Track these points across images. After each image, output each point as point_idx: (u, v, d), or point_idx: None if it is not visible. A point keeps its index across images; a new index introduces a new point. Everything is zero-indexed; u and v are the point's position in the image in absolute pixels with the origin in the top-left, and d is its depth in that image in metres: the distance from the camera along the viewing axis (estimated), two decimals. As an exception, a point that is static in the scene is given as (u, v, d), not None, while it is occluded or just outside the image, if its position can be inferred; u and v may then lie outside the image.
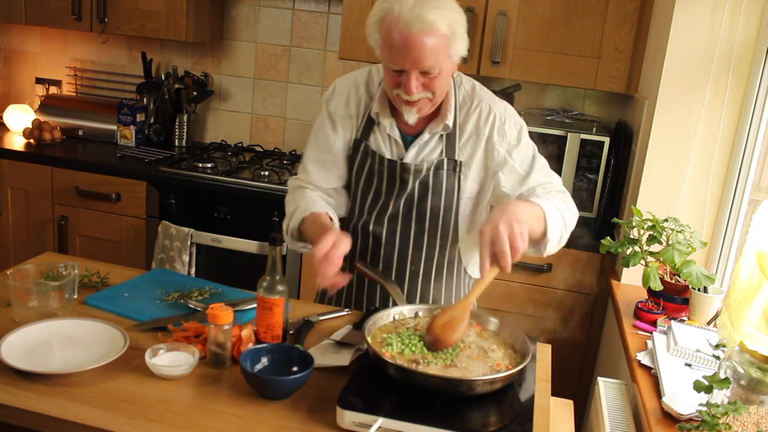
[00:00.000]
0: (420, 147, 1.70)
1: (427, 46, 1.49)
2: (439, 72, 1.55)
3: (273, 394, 1.35)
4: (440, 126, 1.68)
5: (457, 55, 1.57)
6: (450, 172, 1.70)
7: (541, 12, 2.68)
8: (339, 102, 1.77)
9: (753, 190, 2.17)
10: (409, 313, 1.58)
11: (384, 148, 1.73)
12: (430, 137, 1.70)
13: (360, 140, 1.75)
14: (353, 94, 1.76)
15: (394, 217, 1.75)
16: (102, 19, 3.12)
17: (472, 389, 1.30)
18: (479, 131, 1.69)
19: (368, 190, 1.77)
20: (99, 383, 1.35)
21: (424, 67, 1.52)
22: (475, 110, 1.70)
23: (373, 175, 1.75)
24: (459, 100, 1.71)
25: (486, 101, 1.71)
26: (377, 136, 1.73)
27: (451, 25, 1.52)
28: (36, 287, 1.58)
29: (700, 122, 2.23)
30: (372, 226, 1.77)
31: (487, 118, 1.69)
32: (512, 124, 1.71)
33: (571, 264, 2.62)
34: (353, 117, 1.76)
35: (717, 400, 1.37)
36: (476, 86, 1.75)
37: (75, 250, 3.09)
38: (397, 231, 1.76)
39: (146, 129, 3.39)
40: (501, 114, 1.70)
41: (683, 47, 2.21)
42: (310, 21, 3.31)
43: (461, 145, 1.70)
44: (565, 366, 2.68)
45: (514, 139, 1.70)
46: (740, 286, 1.52)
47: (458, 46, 1.55)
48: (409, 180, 1.70)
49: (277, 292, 1.48)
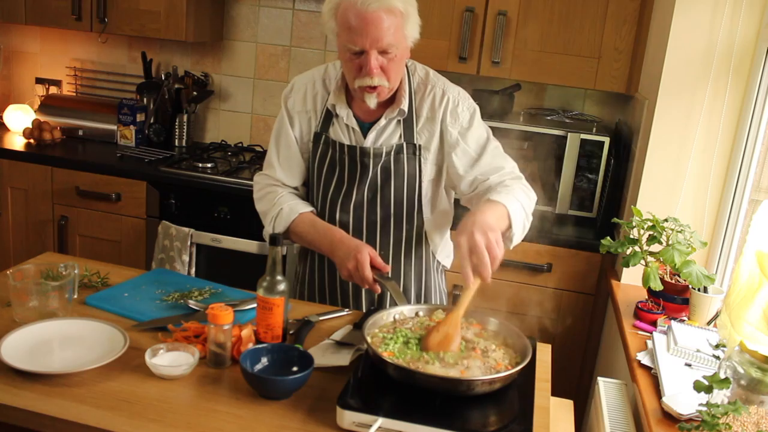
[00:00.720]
0: (378, 132, 1.76)
1: (384, 23, 1.57)
2: (396, 54, 1.62)
3: (273, 394, 1.35)
4: (396, 111, 1.74)
5: (410, 38, 1.65)
6: (410, 155, 1.76)
7: (541, 12, 2.68)
8: (297, 99, 1.84)
9: (753, 190, 2.17)
10: (409, 313, 1.58)
11: (343, 137, 1.78)
12: (387, 123, 1.76)
13: (320, 133, 1.81)
14: (310, 90, 1.82)
15: (359, 204, 1.79)
16: (102, 19, 3.12)
17: (471, 389, 1.30)
18: (434, 115, 1.76)
19: (331, 179, 1.81)
20: (99, 383, 1.35)
21: (383, 45, 1.59)
22: (429, 95, 1.76)
23: (335, 164, 1.80)
24: (414, 86, 1.77)
25: (440, 86, 1.78)
26: (336, 127, 1.79)
27: (405, 4, 1.60)
28: (36, 287, 1.59)
29: (700, 122, 2.23)
30: (338, 215, 1.81)
31: (441, 102, 1.76)
32: (465, 108, 1.77)
33: (571, 264, 2.62)
34: (310, 112, 1.83)
35: (717, 400, 1.37)
36: (430, 72, 1.81)
37: (75, 250, 3.09)
38: (363, 218, 1.80)
39: (146, 129, 3.39)
40: (454, 98, 1.77)
41: (683, 47, 2.21)
42: (310, 21, 3.31)
43: (419, 129, 1.76)
44: (565, 366, 2.68)
45: (467, 122, 1.76)
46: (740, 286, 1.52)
47: (411, 27, 1.64)
48: (369, 164, 1.76)
49: (277, 292, 1.48)
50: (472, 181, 1.77)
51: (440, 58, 2.78)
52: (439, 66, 2.79)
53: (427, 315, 1.57)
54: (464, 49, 2.74)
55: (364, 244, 1.69)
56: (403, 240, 1.82)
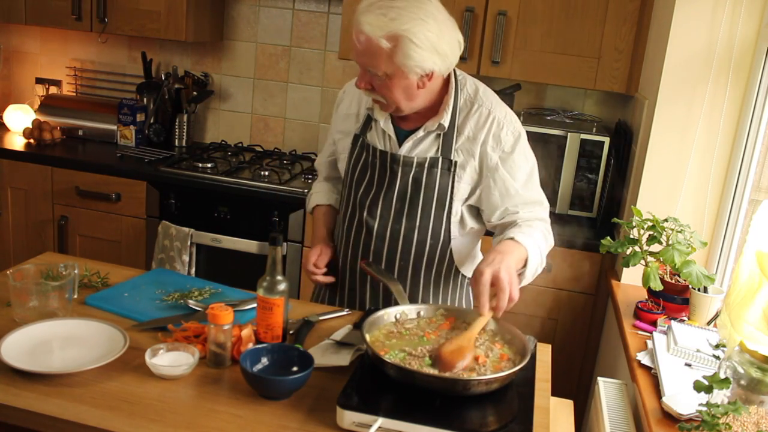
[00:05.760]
0: (414, 143, 1.73)
1: (369, 50, 1.55)
2: (387, 78, 1.58)
3: (273, 394, 1.35)
4: (435, 125, 1.70)
5: (411, 69, 1.56)
6: (444, 171, 1.71)
7: (541, 12, 2.68)
8: (345, 101, 1.87)
9: (753, 190, 2.17)
10: (411, 313, 1.58)
11: (378, 142, 1.77)
12: (425, 135, 1.72)
13: (359, 135, 1.80)
14: (356, 94, 1.81)
15: (386, 210, 1.77)
16: (102, 19, 3.12)
17: (470, 389, 1.30)
18: (476, 135, 1.70)
19: (362, 182, 1.80)
20: (99, 383, 1.35)
21: (364, 65, 1.59)
22: (475, 113, 1.71)
23: (367, 167, 1.79)
24: (460, 102, 1.72)
25: (486, 106, 1.72)
26: (374, 132, 1.78)
27: (398, 36, 1.51)
28: (36, 287, 1.59)
29: (700, 122, 2.23)
30: (364, 218, 1.80)
31: (485, 123, 1.70)
32: (510, 132, 1.70)
33: (571, 264, 2.62)
34: (353, 116, 1.83)
35: (717, 400, 1.37)
36: (480, 90, 1.75)
37: (75, 250, 3.09)
38: (389, 225, 1.77)
39: (146, 129, 3.39)
40: (500, 120, 1.70)
41: (683, 47, 2.21)
42: (310, 21, 3.31)
43: (458, 146, 1.71)
44: (565, 366, 2.68)
45: (509, 147, 1.70)
46: (740, 286, 1.52)
47: (410, 60, 1.54)
48: (398, 171, 1.73)
49: (277, 292, 1.48)
50: (503, 211, 1.72)
51: (440, 58, 2.78)
52: (439, 66, 2.81)
53: (430, 315, 1.57)
54: (464, 49, 2.73)
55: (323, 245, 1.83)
56: (426, 252, 1.77)
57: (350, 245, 1.82)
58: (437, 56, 1.57)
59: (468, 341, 1.42)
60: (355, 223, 1.81)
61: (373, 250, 1.79)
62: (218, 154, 3.28)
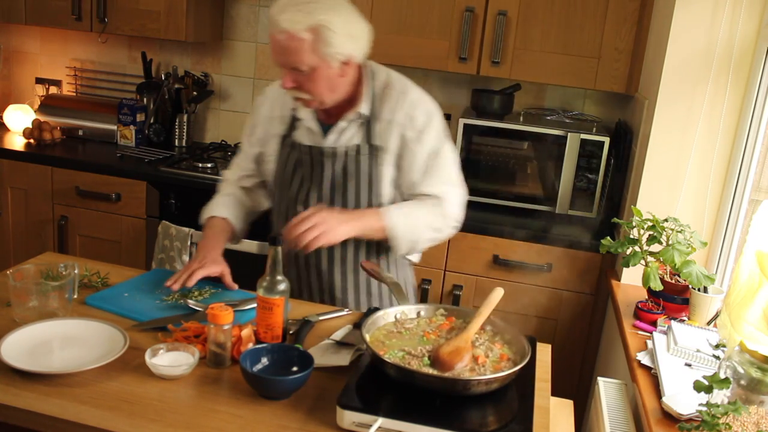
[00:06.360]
0: (337, 134, 1.81)
1: (290, 47, 1.62)
2: (313, 71, 1.65)
3: (273, 394, 1.36)
4: (355, 114, 1.78)
5: (336, 54, 1.65)
6: (370, 156, 1.80)
7: (541, 12, 2.68)
8: (266, 106, 1.93)
9: (753, 190, 2.17)
10: (411, 313, 1.58)
11: (305, 138, 1.85)
12: (347, 125, 1.80)
13: (286, 136, 1.88)
14: (277, 97, 1.89)
15: (319, 201, 1.84)
16: (102, 19, 3.12)
17: (470, 389, 1.30)
18: (393, 117, 1.79)
19: (294, 179, 1.87)
20: (99, 383, 1.35)
21: (291, 66, 1.65)
22: (390, 98, 1.80)
23: (299, 164, 1.86)
24: (376, 89, 1.80)
25: (400, 89, 1.81)
26: (300, 130, 1.86)
27: (316, 27, 1.61)
28: (36, 287, 1.59)
29: (700, 122, 2.23)
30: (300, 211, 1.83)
31: (400, 105, 1.79)
32: (422, 112, 1.79)
33: (571, 264, 2.62)
34: (277, 118, 1.90)
35: (717, 400, 1.37)
36: (392, 75, 1.84)
37: (75, 250, 3.09)
38: None
39: (146, 129, 3.39)
40: (413, 101, 1.80)
41: (683, 47, 2.21)
42: (310, 21, 3.30)
43: (379, 131, 1.79)
44: (565, 366, 2.68)
45: (421, 125, 1.78)
46: (740, 286, 1.51)
47: (334, 44, 1.64)
48: (326, 163, 1.81)
49: (277, 292, 1.48)
50: (411, 185, 1.81)
51: (440, 58, 2.78)
52: (439, 66, 2.81)
53: (429, 315, 1.58)
54: (464, 49, 2.74)
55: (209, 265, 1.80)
56: (364, 239, 1.85)
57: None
58: (353, 41, 1.67)
59: (465, 342, 1.42)
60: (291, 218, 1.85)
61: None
62: (218, 154, 3.27)
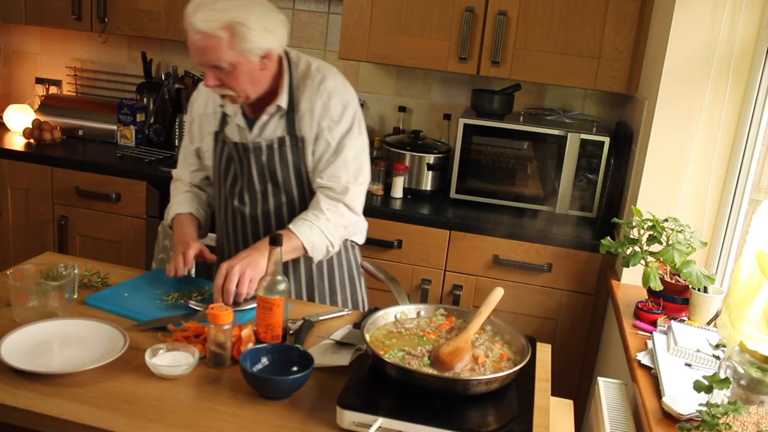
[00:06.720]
0: (260, 128, 1.83)
1: (207, 46, 1.63)
2: (233, 68, 1.67)
3: (273, 394, 1.36)
4: (275, 107, 1.80)
5: (254, 49, 1.67)
6: (293, 147, 1.83)
7: (541, 12, 2.68)
8: (200, 102, 1.95)
9: (753, 190, 2.17)
10: (411, 313, 1.58)
11: (234, 135, 1.88)
12: (268, 118, 1.83)
13: (218, 132, 1.91)
14: (209, 93, 1.90)
15: (253, 195, 1.88)
16: (102, 19, 3.12)
17: (470, 389, 1.30)
18: (312, 107, 1.80)
19: (228, 173, 1.91)
20: (99, 383, 1.35)
21: (209, 63, 1.66)
22: (308, 87, 1.81)
23: (231, 159, 1.89)
24: (296, 80, 1.82)
25: (318, 79, 1.82)
26: (230, 125, 1.88)
27: (231, 24, 1.62)
28: (36, 287, 1.59)
29: (700, 122, 2.23)
30: (236, 206, 1.91)
31: (317, 94, 1.80)
32: (338, 101, 1.81)
33: (571, 264, 2.62)
34: (210, 114, 1.92)
35: (717, 400, 1.37)
36: (313, 65, 1.86)
37: (75, 250, 3.09)
38: (258, 207, 1.88)
39: (146, 129, 3.39)
40: (330, 90, 1.81)
41: (683, 47, 2.21)
42: (310, 21, 3.31)
43: (300, 122, 1.81)
44: (565, 366, 2.68)
45: (337, 116, 1.80)
46: (740, 286, 1.51)
47: (252, 39, 1.65)
48: (252, 158, 1.84)
49: (277, 292, 1.48)
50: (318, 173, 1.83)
51: (440, 58, 2.78)
52: (439, 66, 2.81)
53: (429, 315, 1.58)
54: (464, 49, 2.74)
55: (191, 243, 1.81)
56: None
57: (230, 234, 1.96)
58: (270, 35, 1.69)
59: (465, 342, 1.42)
60: (230, 212, 1.93)
61: (251, 234, 1.91)
62: (218, 154, 3.27)
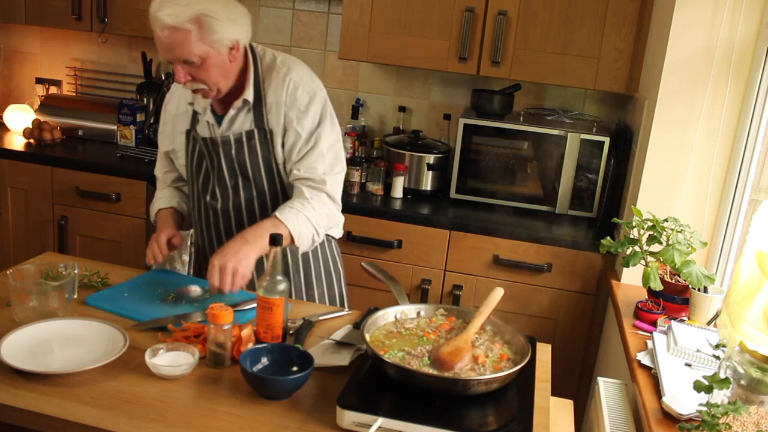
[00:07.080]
0: (228, 122, 1.85)
1: (175, 41, 1.64)
2: (204, 61, 1.68)
3: (273, 394, 1.36)
4: (240, 101, 1.81)
5: (222, 41, 1.68)
6: (261, 140, 1.84)
7: (541, 12, 2.68)
8: (173, 103, 1.97)
9: (753, 190, 2.17)
10: (411, 313, 1.58)
11: (204, 131, 1.89)
12: (236, 113, 1.84)
13: (190, 130, 1.93)
14: (183, 93, 1.91)
15: (224, 189, 1.89)
16: (102, 19, 3.12)
17: (470, 389, 1.30)
18: (278, 99, 1.81)
19: (200, 170, 1.93)
20: (99, 383, 1.35)
21: (180, 59, 1.67)
22: (274, 80, 1.82)
23: (202, 155, 1.91)
24: (262, 73, 1.83)
25: (283, 71, 1.83)
26: (201, 123, 1.90)
27: (198, 17, 1.63)
28: (36, 287, 1.59)
29: (700, 122, 2.23)
30: (208, 202, 1.92)
31: (283, 86, 1.82)
32: (305, 92, 1.82)
33: (571, 264, 2.62)
34: (183, 114, 1.94)
35: (717, 400, 1.37)
36: (278, 58, 1.87)
37: (75, 250, 3.08)
38: (229, 202, 1.90)
39: (146, 129, 3.39)
40: (296, 81, 1.83)
41: (683, 47, 2.21)
42: (310, 21, 3.31)
43: (267, 114, 1.82)
44: (565, 366, 2.68)
45: (304, 106, 1.81)
46: (740, 286, 1.51)
47: (219, 31, 1.67)
48: (222, 153, 1.85)
49: (277, 292, 1.48)
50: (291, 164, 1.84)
51: (440, 58, 2.78)
52: (439, 66, 2.81)
53: (430, 315, 1.58)
54: (464, 49, 2.74)
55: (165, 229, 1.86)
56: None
57: (204, 229, 1.99)
58: (236, 25, 1.71)
59: (465, 342, 1.42)
60: (203, 208, 1.95)
61: (224, 228, 1.94)
62: (218, 154, 3.27)
